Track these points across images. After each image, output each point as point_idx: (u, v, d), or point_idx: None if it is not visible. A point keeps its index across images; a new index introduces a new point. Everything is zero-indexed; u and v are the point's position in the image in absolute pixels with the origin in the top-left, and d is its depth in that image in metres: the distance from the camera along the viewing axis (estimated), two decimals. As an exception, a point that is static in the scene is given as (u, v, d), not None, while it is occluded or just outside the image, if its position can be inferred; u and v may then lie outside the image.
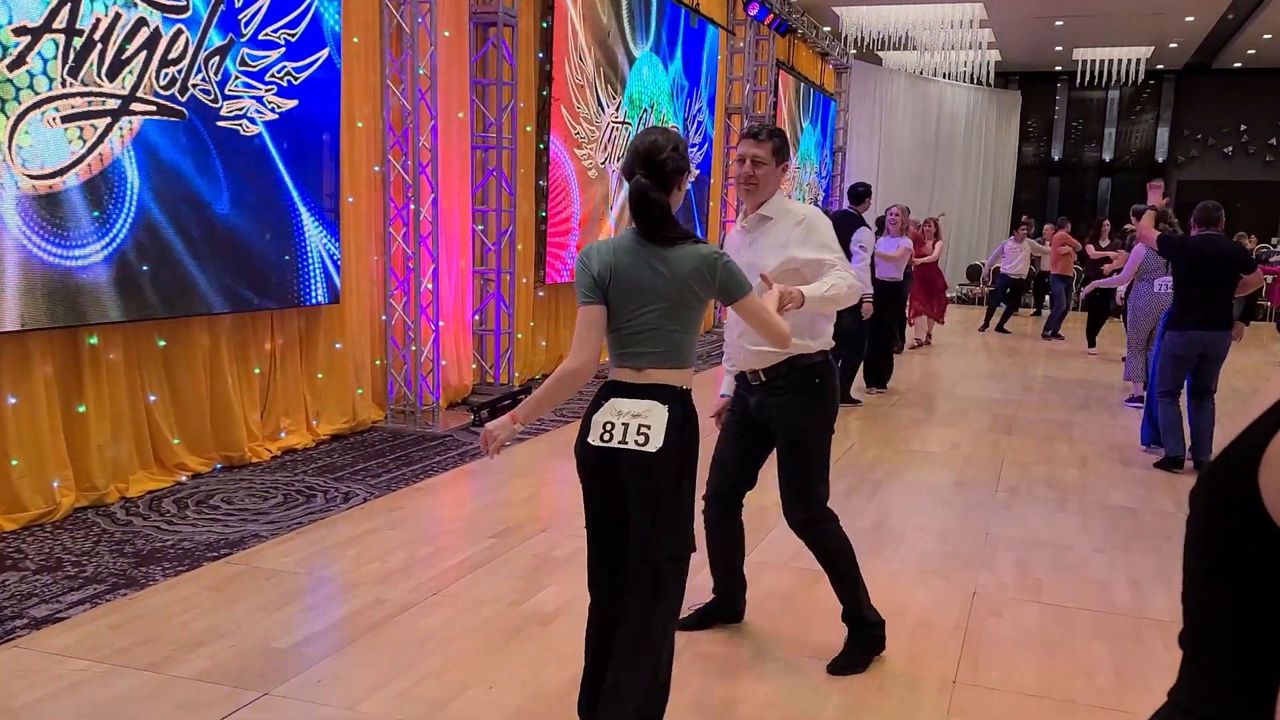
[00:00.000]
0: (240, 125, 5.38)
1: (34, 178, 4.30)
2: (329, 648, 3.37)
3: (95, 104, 4.55)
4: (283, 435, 5.98)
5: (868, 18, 15.39)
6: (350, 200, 6.33)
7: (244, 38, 5.34)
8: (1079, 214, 19.12)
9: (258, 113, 5.48)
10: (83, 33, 4.47)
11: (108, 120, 4.61)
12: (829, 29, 16.33)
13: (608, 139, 9.40)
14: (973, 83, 18.86)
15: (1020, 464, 6.40)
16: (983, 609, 3.93)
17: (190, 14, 5.00)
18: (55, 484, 4.56)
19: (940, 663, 3.43)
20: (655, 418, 2.49)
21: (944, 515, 5.23)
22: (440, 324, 7.06)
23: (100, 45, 4.56)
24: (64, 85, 4.41)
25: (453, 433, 6.60)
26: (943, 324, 12.51)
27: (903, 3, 14.72)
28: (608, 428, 2.51)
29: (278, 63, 5.59)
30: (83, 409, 4.75)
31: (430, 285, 6.87)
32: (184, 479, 5.24)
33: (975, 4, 14.85)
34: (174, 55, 4.93)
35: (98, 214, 4.59)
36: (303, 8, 5.71)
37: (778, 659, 3.41)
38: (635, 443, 2.48)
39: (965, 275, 19.28)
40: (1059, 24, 16.57)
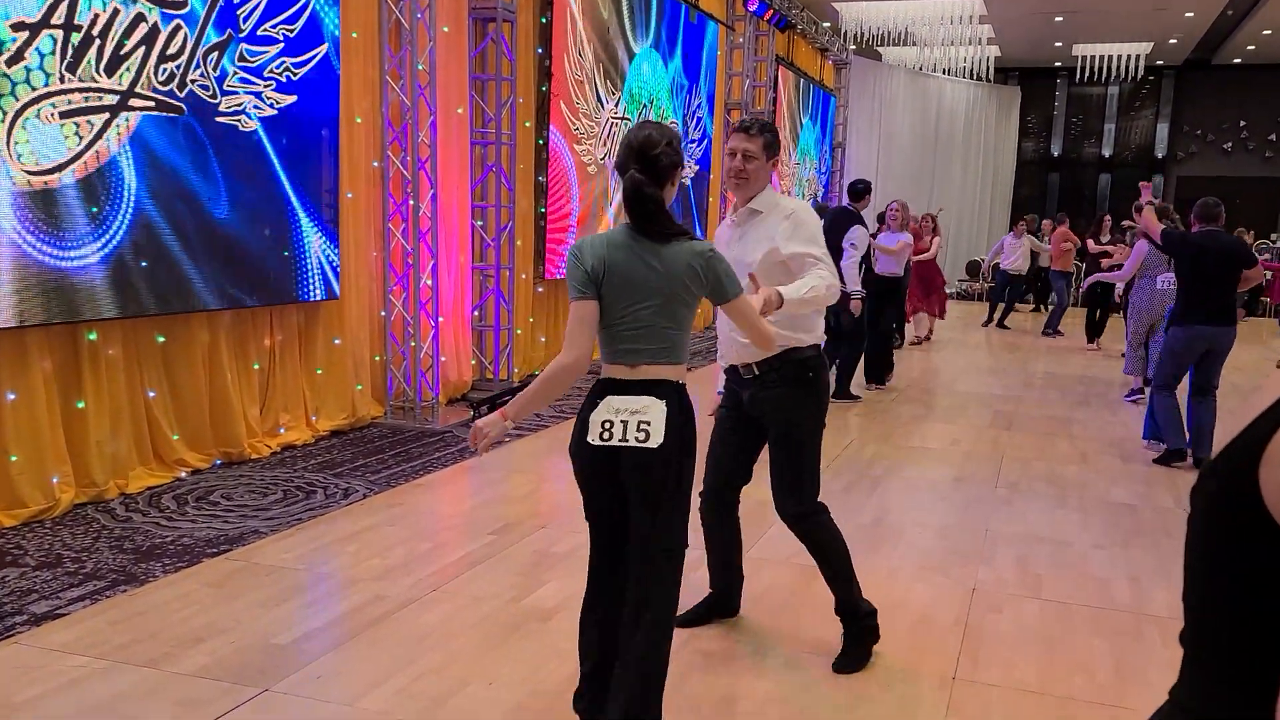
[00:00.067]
0: (239, 121, 5.37)
1: (32, 174, 4.29)
2: (329, 644, 3.37)
3: (93, 100, 4.55)
4: (282, 431, 5.98)
5: (867, 13, 15.36)
6: (349, 196, 6.32)
7: (242, 33, 5.33)
8: (1079, 210, 19.13)
9: (256, 108, 5.48)
10: (81, 28, 4.46)
11: (106, 116, 4.61)
12: (828, 24, 16.31)
13: (607, 134, 9.39)
14: (972, 78, 18.85)
15: (1020, 460, 6.40)
16: (982, 605, 3.93)
17: (188, 10, 4.99)
18: (55, 480, 4.56)
19: (940, 659, 3.43)
20: (654, 414, 2.47)
21: (944, 511, 5.24)
22: (440, 320, 7.06)
23: (99, 41, 4.55)
24: (62, 81, 4.40)
25: (452, 429, 6.60)
26: (943, 319, 12.51)
27: (902, -2, 14.71)
28: (606, 426, 2.48)
29: (276, 58, 5.58)
30: (82, 405, 4.75)
31: (430, 281, 6.87)
32: (183, 475, 5.24)
33: (975, -1, 14.84)
34: (172, 51, 4.92)
35: (95, 209, 4.58)
36: (301, 3, 5.70)
37: (777, 655, 3.41)
38: (636, 440, 2.46)
39: (965, 271, 19.29)
40: (1059, 20, 16.55)
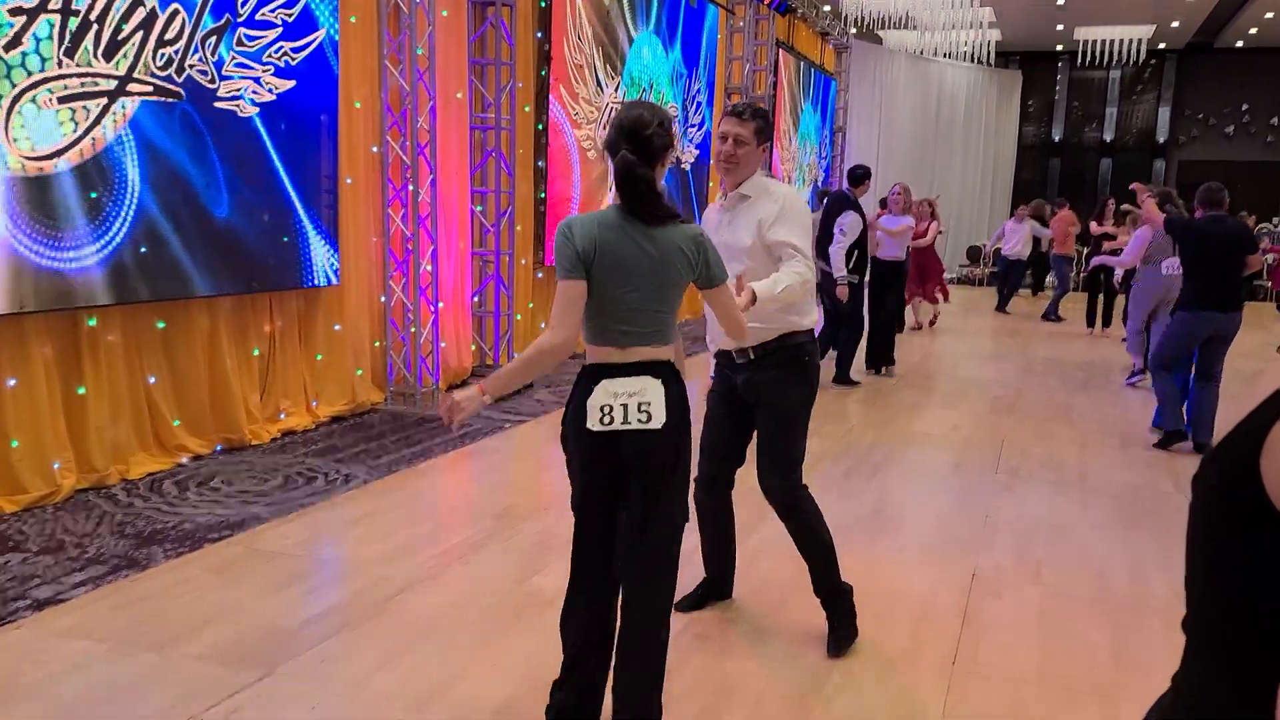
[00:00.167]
0: (237, 107, 5.35)
1: (29, 159, 4.28)
2: (331, 628, 3.39)
3: (89, 85, 4.52)
4: (282, 417, 5.98)
5: (868, -3, 15.29)
6: (349, 182, 6.31)
7: (240, 17, 5.30)
8: (1079, 195, 19.07)
9: (255, 94, 5.45)
10: (78, 13, 4.44)
11: (104, 101, 4.59)
12: (829, 8, 16.22)
13: (606, 119, 9.35)
14: (973, 62, 18.75)
15: (1020, 446, 6.41)
16: (982, 591, 3.94)
17: (186, -7, 4.96)
18: (56, 466, 4.57)
19: (939, 645, 3.44)
20: (653, 394, 2.47)
21: (943, 497, 5.24)
22: (439, 306, 7.05)
23: (96, 25, 4.53)
24: (60, 66, 4.38)
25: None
26: (948, 301, 12.50)
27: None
28: (606, 410, 2.46)
29: (274, 43, 5.55)
30: (82, 391, 4.75)
31: (429, 267, 6.86)
32: (184, 461, 5.24)
33: (976, -18, 14.76)
34: (170, 35, 4.90)
35: (95, 195, 4.57)
36: (300, -13, 5.67)
37: (777, 642, 3.42)
38: (639, 422, 2.45)
39: (965, 256, 19.25)
40: (1060, 3, 16.46)
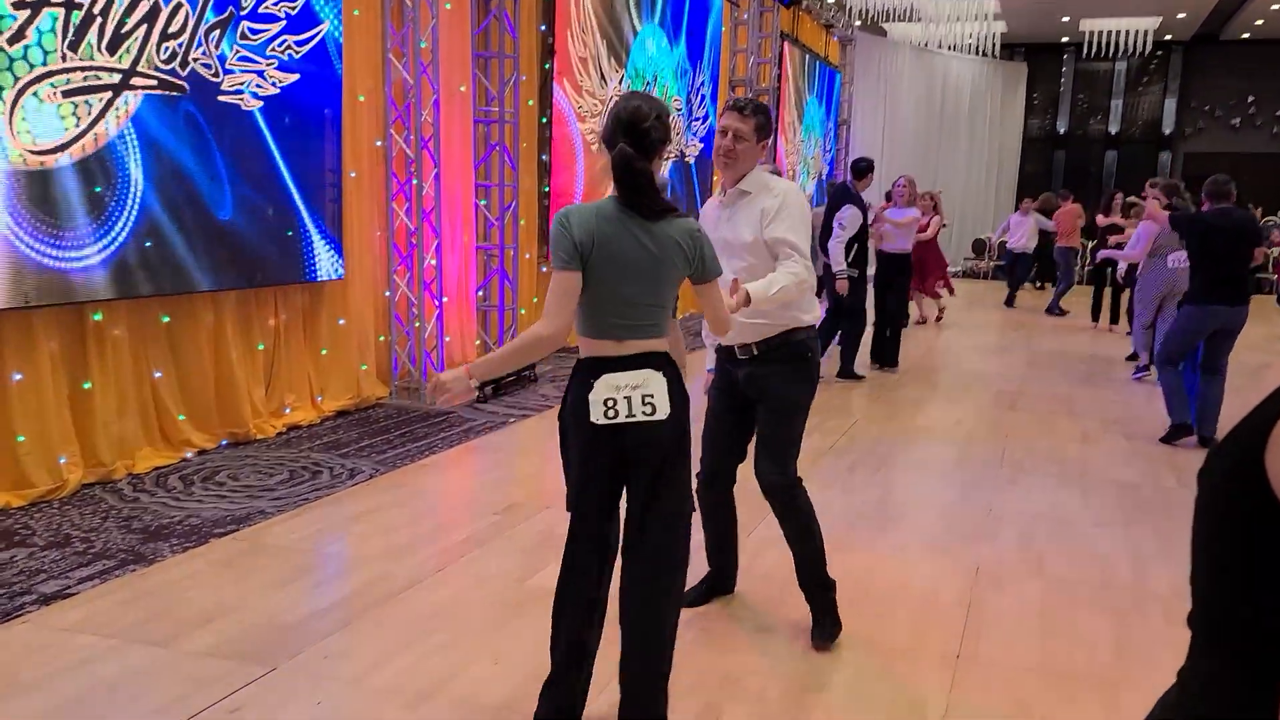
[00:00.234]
0: (241, 100, 5.35)
1: (32, 153, 4.28)
2: (336, 623, 3.40)
3: (93, 79, 4.53)
4: (287, 412, 6.00)
5: (872, -11, 15.24)
6: (353, 175, 6.30)
7: (244, 10, 5.29)
8: (1085, 187, 19.00)
9: (258, 87, 5.45)
10: (82, 6, 4.44)
11: (108, 95, 4.59)
12: (833, 0, 16.18)
13: (610, 112, 9.33)
14: (978, 55, 18.69)
15: (1023, 439, 6.40)
16: (985, 584, 3.94)
17: (190, -13, 4.96)
18: (62, 460, 4.58)
19: (943, 637, 3.45)
20: (656, 386, 2.48)
21: (947, 491, 5.24)
22: (444, 300, 7.05)
23: (100, 19, 4.53)
24: (64, 60, 4.39)
25: (457, 409, 6.60)
26: (952, 294, 12.49)
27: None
28: (610, 404, 2.46)
29: (278, 36, 5.54)
30: (88, 385, 4.76)
31: (434, 261, 6.86)
32: (190, 455, 5.26)
33: (981, -26, 14.71)
34: (174, 29, 4.90)
35: (98, 190, 4.57)
36: (303, -19, 5.67)
37: (781, 635, 3.43)
38: (644, 414, 2.46)
39: (970, 249, 19.21)
40: (1065, -6, 16.42)
